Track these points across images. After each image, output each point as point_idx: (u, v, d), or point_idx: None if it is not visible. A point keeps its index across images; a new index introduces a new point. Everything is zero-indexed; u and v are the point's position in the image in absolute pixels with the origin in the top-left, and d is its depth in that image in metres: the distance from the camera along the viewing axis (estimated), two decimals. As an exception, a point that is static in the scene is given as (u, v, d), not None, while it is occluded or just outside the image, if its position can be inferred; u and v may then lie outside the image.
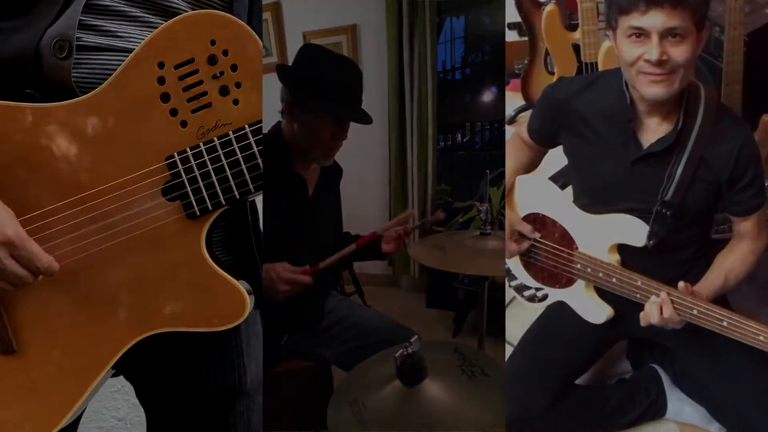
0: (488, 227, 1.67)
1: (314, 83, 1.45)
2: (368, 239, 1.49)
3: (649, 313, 1.32)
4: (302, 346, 1.57)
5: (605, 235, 1.40)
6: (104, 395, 2.10)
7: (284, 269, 1.40)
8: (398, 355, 1.17)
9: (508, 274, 1.58)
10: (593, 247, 1.42)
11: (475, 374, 1.23)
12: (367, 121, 1.50)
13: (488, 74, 2.81)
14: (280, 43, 2.82)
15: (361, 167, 2.55)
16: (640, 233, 1.35)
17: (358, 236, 1.70)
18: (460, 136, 2.95)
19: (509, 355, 1.56)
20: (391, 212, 2.83)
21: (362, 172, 2.66)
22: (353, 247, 1.47)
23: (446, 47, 2.89)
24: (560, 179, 1.62)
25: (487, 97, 2.84)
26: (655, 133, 1.35)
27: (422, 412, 1.15)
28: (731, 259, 1.40)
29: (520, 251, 1.51)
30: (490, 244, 1.63)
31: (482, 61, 2.88)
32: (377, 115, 1.97)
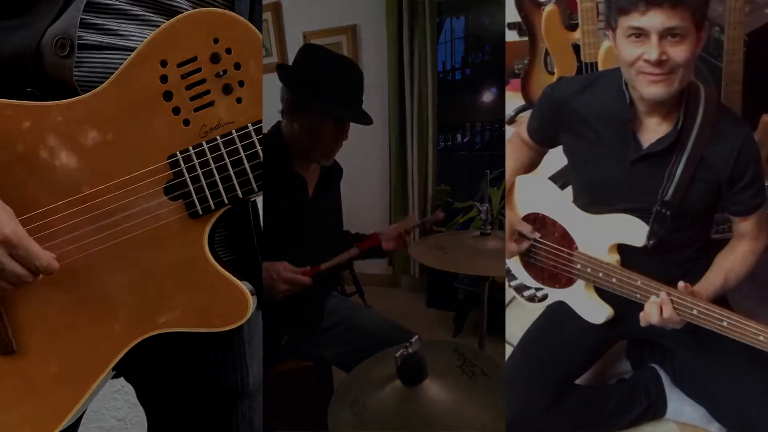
0: (488, 227, 1.67)
1: (315, 83, 1.45)
2: (370, 244, 1.49)
3: (648, 313, 1.31)
4: (302, 346, 1.57)
5: (605, 235, 1.40)
6: (104, 395, 2.10)
7: (284, 269, 1.40)
8: (398, 355, 1.17)
9: (508, 274, 1.58)
10: (593, 247, 1.42)
11: (475, 374, 1.23)
12: (367, 121, 1.50)
13: (488, 74, 2.81)
14: (280, 43, 2.82)
15: (361, 167, 2.54)
16: (639, 233, 1.35)
17: (358, 234, 1.70)
18: (460, 136, 2.94)
19: (509, 355, 1.56)
20: (391, 212, 2.82)
21: (362, 172, 2.66)
22: (355, 251, 1.47)
23: (446, 47, 2.89)
24: (560, 179, 1.62)
25: (487, 97, 2.83)
26: (654, 133, 1.34)
27: (422, 412, 1.15)
28: (731, 259, 1.40)
29: (520, 251, 1.51)
30: (490, 244, 1.63)
31: (482, 61, 2.87)
32: (377, 115, 1.97)
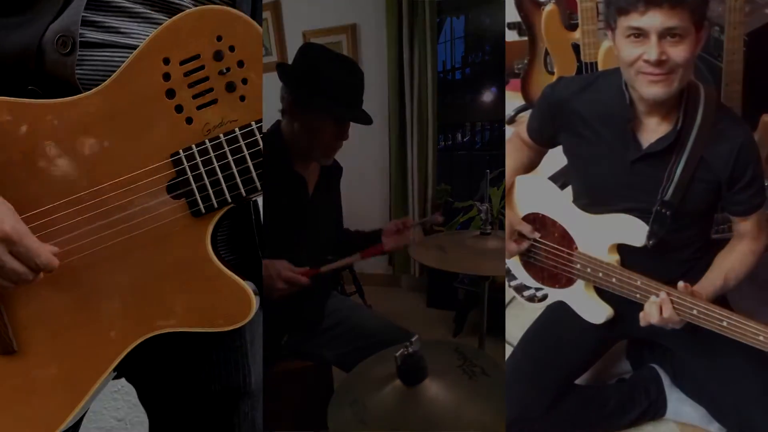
0: (488, 227, 1.67)
1: (315, 83, 1.45)
2: (373, 252, 1.48)
3: (648, 313, 1.31)
4: (302, 346, 1.57)
5: (605, 235, 1.40)
6: (104, 396, 2.09)
7: (284, 268, 1.39)
8: (399, 354, 1.17)
9: (508, 274, 1.58)
10: (593, 247, 1.42)
11: (475, 374, 1.23)
12: (367, 121, 1.50)
13: (488, 74, 2.81)
14: (279, 42, 2.83)
15: (361, 167, 2.55)
16: (639, 233, 1.35)
17: (358, 232, 1.70)
18: (460, 135, 2.95)
19: (509, 355, 1.56)
20: (391, 212, 2.83)
21: (362, 171, 2.66)
22: (357, 257, 1.47)
23: (446, 47, 2.89)
24: (560, 179, 1.62)
25: (487, 96, 2.84)
26: (654, 133, 1.34)
27: (423, 411, 1.15)
28: (731, 259, 1.40)
29: (519, 251, 1.51)
30: (490, 243, 1.63)
31: (482, 60, 2.88)
32: (377, 114, 1.97)
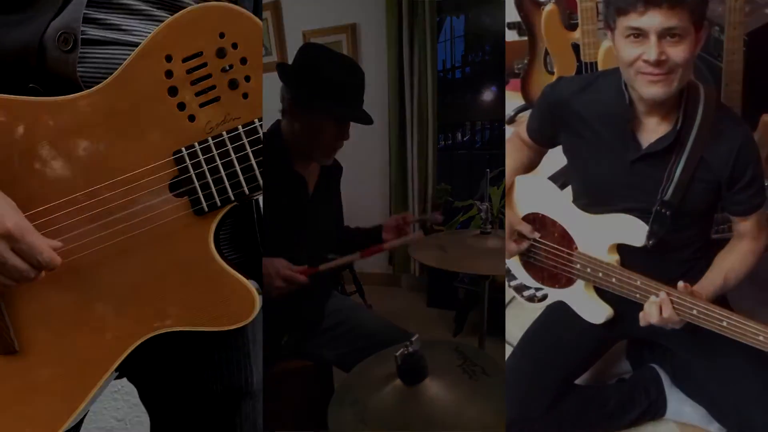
0: (488, 226, 1.68)
1: (316, 83, 1.44)
2: (373, 251, 1.48)
3: (648, 313, 1.31)
4: (302, 346, 1.57)
5: (605, 235, 1.40)
6: (104, 396, 2.08)
7: (282, 266, 1.39)
8: (399, 354, 1.17)
9: (507, 274, 1.58)
10: (593, 247, 1.42)
11: (475, 374, 1.23)
12: (368, 121, 1.50)
13: (488, 73, 2.82)
14: (279, 41, 2.83)
15: (361, 166, 2.56)
16: (639, 233, 1.35)
17: (358, 229, 1.70)
18: (460, 135, 2.95)
19: (509, 355, 1.56)
20: (391, 211, 2.83)
21: (363, 171, 2.67)
22: (357, 256, 1.46)
23: (446, 46, 2.90)
24: (560, 179, 1.62)
25: (487, 96, 2.84)
26: (654, 132, 1.34)
27: (423, 411, 1.15)
28: (731, 258, 1.40)
29: (519, 251, 1.51)
30: (490, 243, 1.63)
31: (482, 60, 2.88)
32: (377, 114, 1.97)
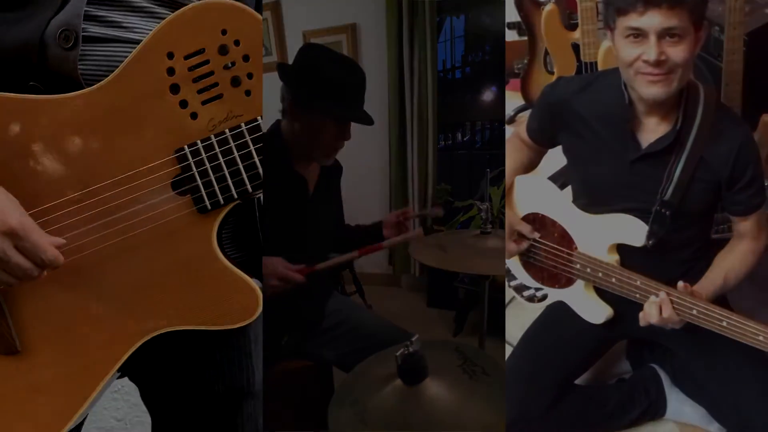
0: (489, 226, 1.67)
1: (317, 83, 1.44)
2: (371, 250, 1.48)
3: (648, 313, 1.31)
4: (302, 346, 1.57)
5: (604, 235, 1.40)
6: (104, 395, 2.09)
7: (279, 265, 1.38)
8: (399, 354, 1.17)
9: (507, 274, 1.58)
10: (592, 247, 1.42)
11: (476, 374, 1.23)
12: (368, 121, 1.50)
13: (488, 73, 2.82)
14: (279, 42, 2.83)
15: (361, 166, 2.56)
16: (639, 233, 1.35)
17: (359, 226, 1.70)
18: (460, 135, 2.95)
19: (509, 355, 1.56)
20: (391, 211, 2.83)
21: (363, 171, 2.67)
22: (355, 254, 1.46)
23: (446, 46, 2.90)
24: (559, 179, 1.62)
25: (487, 96, 2.85)
26: (653, 132, 1.34)
27: (423, 411, 1.15)
28: (731, 258, 1.40)
29: (519, 251, 1.51)
30: (490, 242, 1.63)
31: (482, 60, 2.88)
32: (377, 114, 1.97)
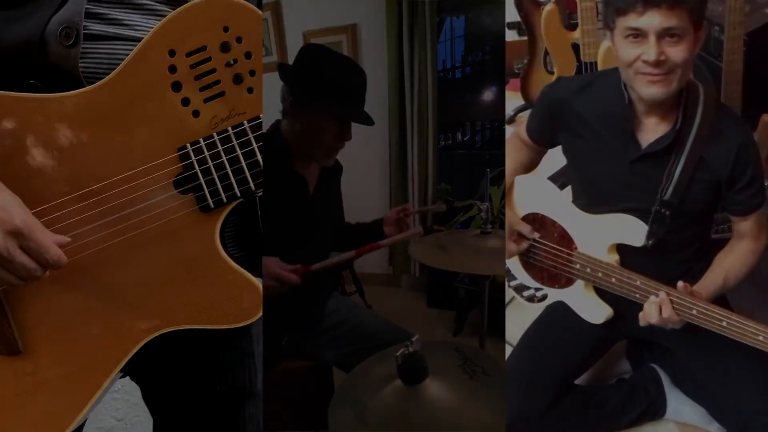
0: (489, 226, 1.68)
1: (318, 84, 1.44)
2: (369, 249, 1.47)
3: (648, 312, 1.31)
4: (303, 346, 1.57)
5: (604, 235, 1.40)
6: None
7: (274, 265, 1.37)
8: (399, 354, 1.17)
9: (507, 274, 1.58)
10: (592, 247, 1.42)
11: (476, 374, 1.23)
12: (369, 122, 1.50)
13: (488, 73, 2.82)
14: (280, 42, 2.83)
15: (361, 166, 2.55)
16: (639, 233, 1.35)
17: (359, 224, 1.70)
18: (460, 135, 2.96)
19: (509, 355, 1.56)
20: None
21: (363, 171, 2.67)
22: (352, 254, 1.45)
23: (446, 46, 2.90)
24: (559, 179, 1.62)
25: (487, 96, 2.85)
26: (653, 132, 1.34)
27: (423, 411, 1.15)
28: (731, 258, 1.40)
29: (519, 251, 1.51)
30: (490, 242, 1.63)
31: (482, 60, 2.88)
32: (377, 114, 1.97)
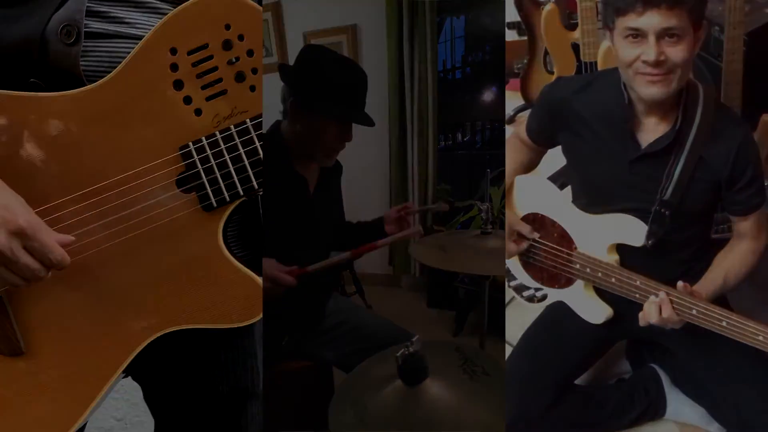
0: (489, 226, 1.68)
1: (318, 85, 1.44)
2: (365, 249, 1.47)
3: (648, 312, 1.31)
4: (303, 347, 1.57)
5: (604, 234, 1.40)
6: (105, 395, 2.10)
7: (270, 266, 1.36)
8: (399, 354, 1.17)
9: (507, 274, 1.58)
10: (592, 247, 1.42)
11: (476, 374, 1.23)
12: (370, 123, 1.50)
13: (488, 74, 2.82)
14: (280, 42, 2.83)
15: (361, 167, 2.55)
16: (638, 233, 1.35)
17: (359, 223, 1.70)
18: (460, 135, 2.95)
19: (509, 355, 1.56)
20: (391, 211, 2.82)
21: (363, 172, 2.67)
22: (348, 255, 1.45)
23: (446, 47, 2.90)
24: (559, 179, 1.62)
25: (487, 96, 2.84)
26: (653, 132, 1.34)
27: (423, 412, 1.15)
28: (731, 258, 1.40)
29: (519, 251, 1.51)
30: (490, 243, 1.63)
31: (482, 60, 2.88)
32: (377, 114, 1.97)
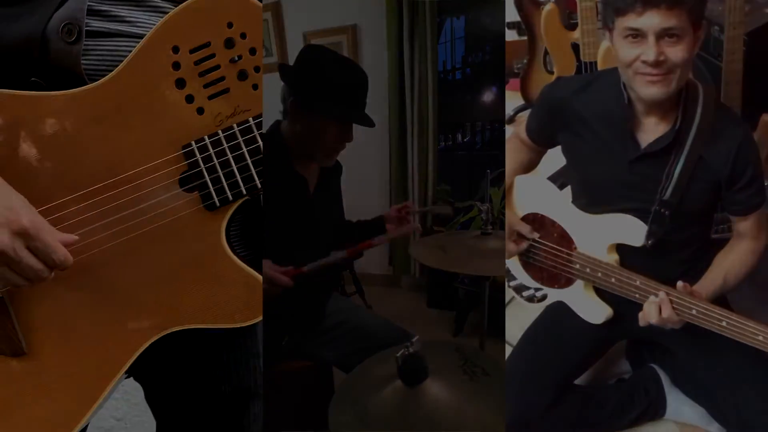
0: (489, 227, 1.68)
1: (318, 85, 1.44)
2: (362, 248, 1.47)
3: (647, 313, 1.31)
4: (303, 347, 1.58)
5: (604, 234, 1.40)
6: (105, 395, 2.10)
7: (265, 266, 1.34)
8: (399, 355, 1.17)
9: (507, 274, 1.58)
10: (592, 247, 1.42)
11: (476, 374, 1.23)
12: (370, 123, 1.50)
13: (488, 74, 2.82)
14: (280, 42, 2.83)
15: (361, 167, 2.55)
16: (638, 233, 1.35)
17: (360, 222, 1.70)
18: (460, 135, 2.95)
19: (509, 355, 1.56)
20: (391, 211, 2.82)
21: (363, 172, 2.67)
22: (343, 254, 1.45)
23: (446, 47, 2.90)
24: (559, 179, 1.62)
25: (487, 96, 2.84)
26: (653, 132, 1.34)
27: (423, 412, 1.15)
28: (731, 258, 1.40)
29: (519, 251, 1.51)
30: (491, 243, 1.63)
31: (482, 60, 2.88)
32: (377, 115, 1.97)
